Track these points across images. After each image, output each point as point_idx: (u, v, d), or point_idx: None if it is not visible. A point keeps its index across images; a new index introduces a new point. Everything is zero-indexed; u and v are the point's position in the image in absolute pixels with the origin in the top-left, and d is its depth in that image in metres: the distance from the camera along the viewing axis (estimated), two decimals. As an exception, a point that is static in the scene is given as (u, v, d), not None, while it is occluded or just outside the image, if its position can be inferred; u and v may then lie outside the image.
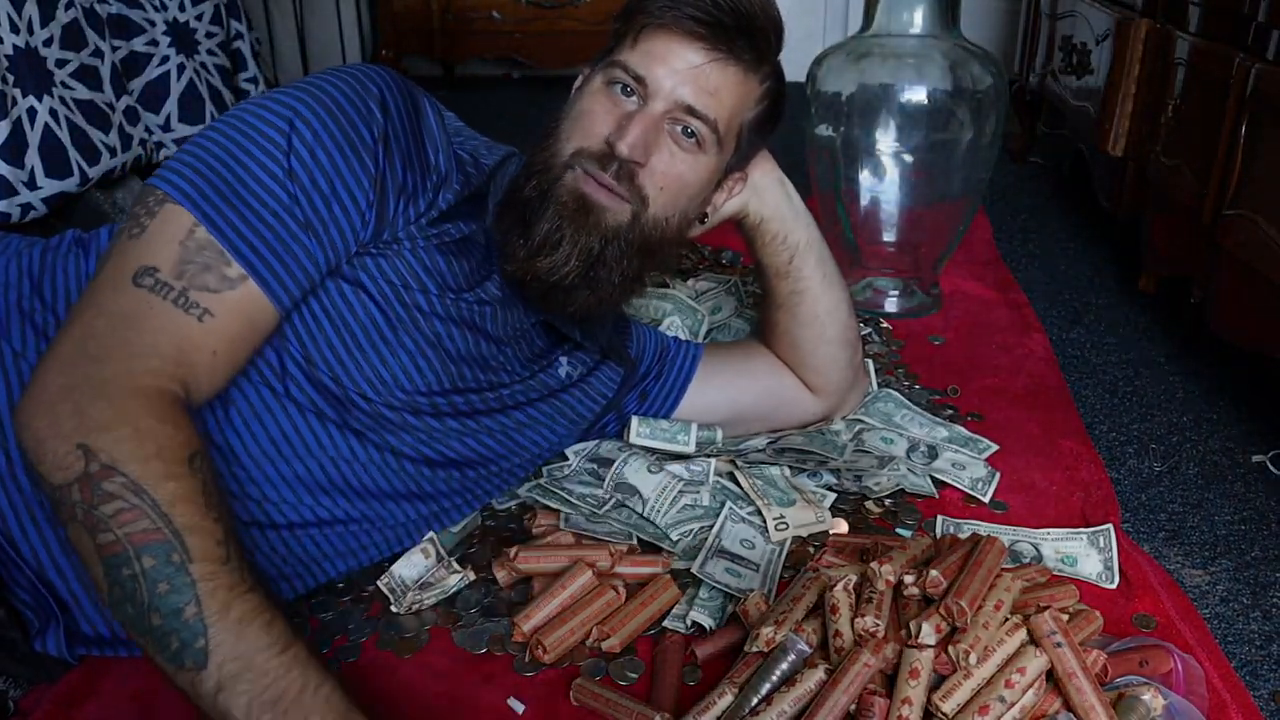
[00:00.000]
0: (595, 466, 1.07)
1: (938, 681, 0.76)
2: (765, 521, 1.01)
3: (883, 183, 1.51)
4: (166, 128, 1.94)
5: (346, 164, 0.80)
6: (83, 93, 1.65)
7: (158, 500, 0.66)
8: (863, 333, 1.45)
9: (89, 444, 0.67)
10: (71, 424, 0.67)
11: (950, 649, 0.75)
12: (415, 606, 0.91)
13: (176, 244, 0.75)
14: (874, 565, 0.82)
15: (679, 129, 0.92)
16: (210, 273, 0.75)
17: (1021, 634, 0.78)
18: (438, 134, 0.89)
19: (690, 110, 0.91)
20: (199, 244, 0.75)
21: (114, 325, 0.73)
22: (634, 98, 0.92)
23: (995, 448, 1.18)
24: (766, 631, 0.80)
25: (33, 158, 1.53)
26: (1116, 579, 0.97)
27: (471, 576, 0.94)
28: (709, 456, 1.10)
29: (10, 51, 1.51)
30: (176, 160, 0.78)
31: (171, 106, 1.96)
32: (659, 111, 0.91)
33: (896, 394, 1.26)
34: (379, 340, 0.87)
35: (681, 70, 0.91)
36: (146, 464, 0.67)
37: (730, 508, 1.03)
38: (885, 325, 1.54)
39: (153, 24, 1.93)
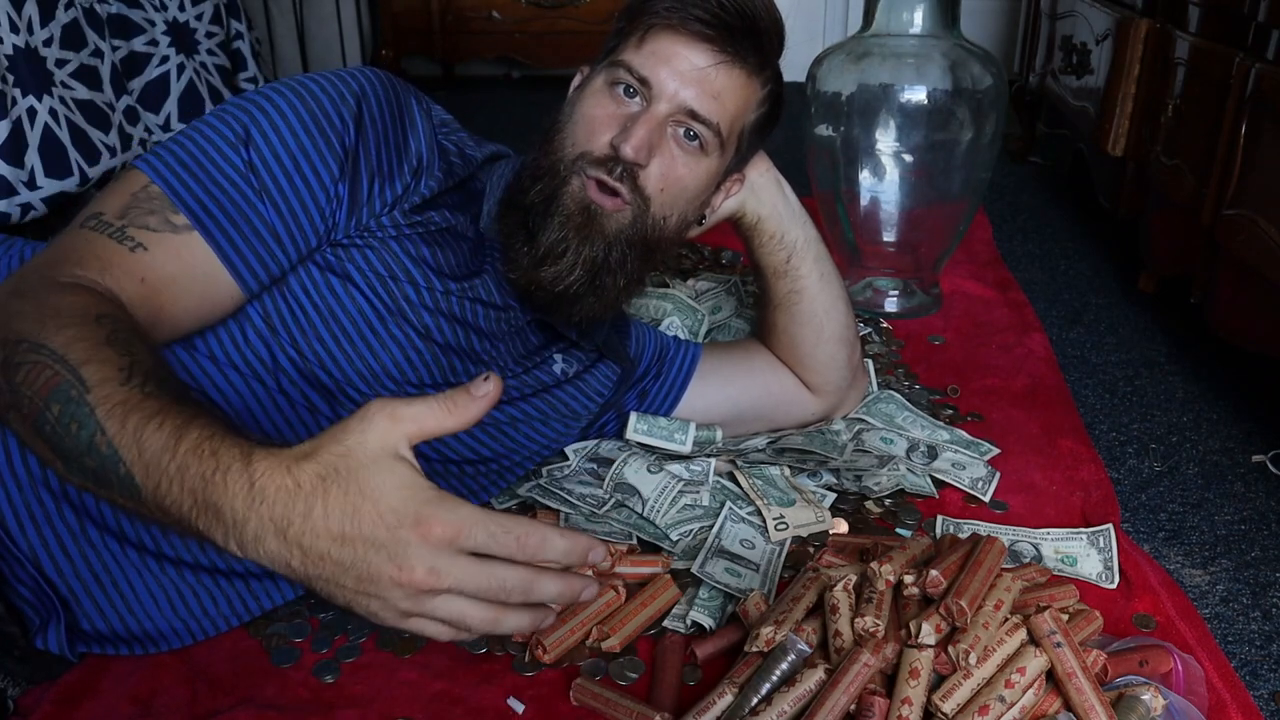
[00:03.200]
0: (595, 466, 1.07)
1: (938, 681, 0.76)
2: (765, 521, 1.01)
3: (883, 183, 1.51)
4: (166, 128, 1.94)
5: (311, 141, 0.81)
6: (83, 93, 1.65)
7: (54, 348, 0.63)
8: (863, 333, 1.45)
9: (4, 334, 0.66)
10: None
11: (950, 649, 0.75)
12: (415, 606, 0.91)
13: (128, 195, 0.77)
14: (874, 565, 0.82)
15: (682, 132, 0.92)
16: (154, 216, 0.76)
17: (1021, 634, 0.78)
18: (420, 124, 0.89)
19: (693, 114, 0.91)
20: (149, 195, 0.77)
21: (48, 256, 0.73)
22: (637, 99, 0.92)
23: (997, 451, 1.18)
24: (766, 631, 0.80)
25: (33, 158, 1.52)
26: (1116, 579, 0.97)
27: (471, 576, 0.94)
28: (709, 456, 1.10)
29: (10, 51, 1.51)
30: (155, 145, 0.80)
31: (171, 106, 1.96)
32: (662, 114, 0.91)
33: (899, 396, 1.26)
34: (368, 332, 0.88)
35: (686, 72, 0.90)
36: (43, 322, 0.65)
37: (730, 508, 1.03)
38: (885, 325, 1.54)
39: (153, 24, 1.93)
